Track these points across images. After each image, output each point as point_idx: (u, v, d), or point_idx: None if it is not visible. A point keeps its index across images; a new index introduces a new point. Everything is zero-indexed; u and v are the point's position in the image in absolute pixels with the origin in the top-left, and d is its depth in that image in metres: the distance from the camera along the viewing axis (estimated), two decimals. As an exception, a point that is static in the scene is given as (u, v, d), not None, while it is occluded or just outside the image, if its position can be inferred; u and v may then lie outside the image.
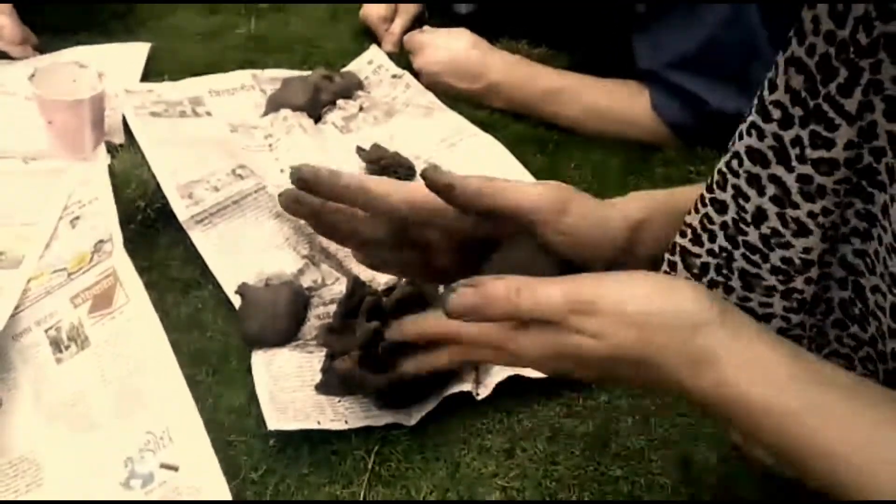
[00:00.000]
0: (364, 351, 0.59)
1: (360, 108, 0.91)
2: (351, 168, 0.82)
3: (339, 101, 0.91)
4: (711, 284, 0.39)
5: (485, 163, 0.85)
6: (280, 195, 0.48)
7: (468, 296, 0.38)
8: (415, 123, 0.90)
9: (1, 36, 0.94)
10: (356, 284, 0.64)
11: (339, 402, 0.61)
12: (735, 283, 0.38)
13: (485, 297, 0.38)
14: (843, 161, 0.32)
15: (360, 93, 0.93)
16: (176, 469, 0.53)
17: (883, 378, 0.38)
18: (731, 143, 0.36)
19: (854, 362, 0.39)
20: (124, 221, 0.71)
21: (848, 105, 0.31)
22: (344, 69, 0.99)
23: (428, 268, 0.50)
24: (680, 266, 0.40)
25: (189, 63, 0.97)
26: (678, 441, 0.61)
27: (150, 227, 0.73)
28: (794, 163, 0.33)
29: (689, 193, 0.44)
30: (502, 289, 0.37)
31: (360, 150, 0.83)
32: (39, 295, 0.64)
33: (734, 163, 0.35)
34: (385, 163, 0.82)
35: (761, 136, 0.34)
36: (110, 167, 0.77)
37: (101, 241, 0.67)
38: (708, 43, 0.83)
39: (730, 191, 0.36)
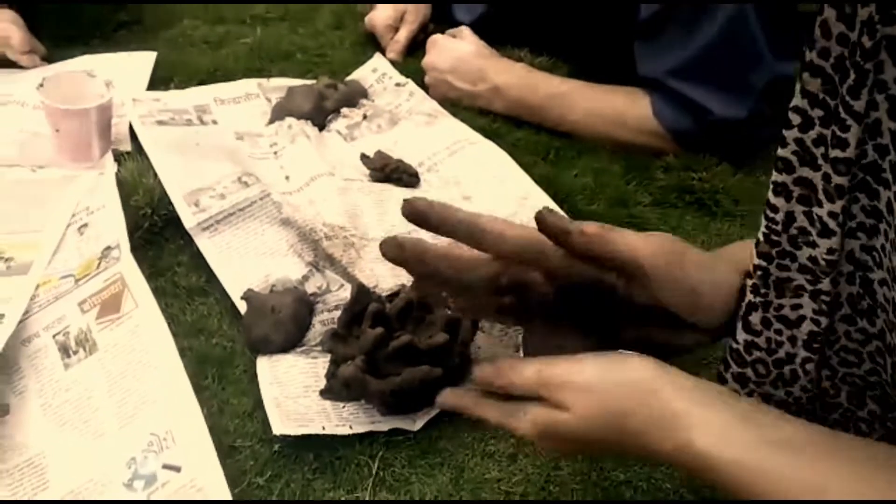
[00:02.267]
0: (368, 357, 0.60)
1: (364, 117, 0.92)
2: (356, 175, 0.83)
3: (344, 110, 0.92)
4: (749, 309, 0.39)
5: (488, 170, 0.86)
6: (383, 242, 0.48)
7: (485, 370, 0.45)
8: (418, 131, 0.91)
9: (9, 46, 0.96)
10: (360, 291, 0.65)
11: (344, 407, 0.61)
12: (772, 295, 0.39)
13: (488, 373, 0.44)
14: (854, 158, 0.33)
15: (364, 101, 0.94)
16: (178, 470, 0.53)
17: (891, 371, 0.38)
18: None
19: (862, 356, 0.39)
20: (131, 229, 0.71)
21: (857, 106, 0.32)
22: (348, 78, 1.00)
23: (523, 312, 0.50)
24: None
25: (195, 72, 0.98)
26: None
27: (156, 234, 0.74)
28: (820, 161, 0.34)
29: None
30: (494, 369, 0.44)
31: (364, 157, 0.84)
32: (48, 301, 0.65)
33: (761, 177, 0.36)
34: (389, 170, 0.83)
35: (784, 144, 0.35)
36: (117, 175, 0.77)
37: (108, 248, 0.68)
38: (708, 50, 0.84)
39: (762, 223, 0.37)
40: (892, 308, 0.35)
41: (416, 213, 0.45)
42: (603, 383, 0.38)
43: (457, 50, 0.97)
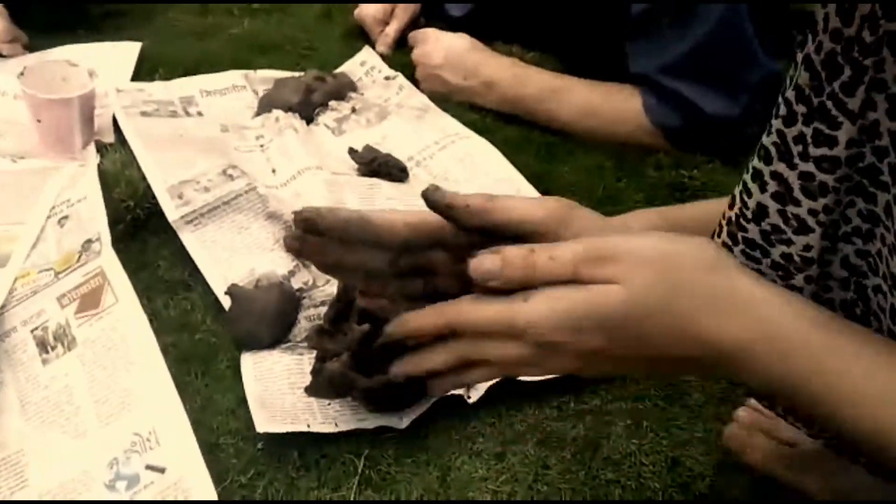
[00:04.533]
0: (355, 353, 0.59)
1: (353, 110, 0.91)
2: (343, 169, 0.82)
3: (332, 103, 0.91)
4: None
5: (478, 166, 0.85)
6: (284, 238, 0.48)
7: (487, 258, 0.38)
8: (407, 125, 0.90)
9: (-9, 34, 0.94)
10: (347, 287, 0.64)
11: (329, 404, 0.60)
12: None
13: (504, 259, 0.37)
14: (844, 159, 0.32)
15: (352, 94, 0.93)
16: (162, 471, 0.52)
17: None
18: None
19: None
20: (113, 221, 0.70)
21: (851, 103, 0.31)
22: (337, 70, 0.99)
23: (433, 295, 0.47)
24: None
25: (180, 62, 0.97)
26: (669, 445, 0.61)
27: (139, 227, 0.72)
28: (797, 160, 0.33)
29: (688, 210, 0.44)
30: (519, 249, 0.37)
31: (352, 151, 0.83)
32: (26, 294, 0.63)
33: (753, 158, 0.35)
34: (377, 164, 0.82)
35: (769, 131, 0.34)
36: (99, 166, 0.76)
37: (88, 241, 0.66)
38: (700, 48, 0.83)
39: (739, 186, 0.36)
40: (889, 316, 0.34)
41: (305, 220, 0.45)
42: (665, 253, 0.34)
43: (449, 44, 0.96)
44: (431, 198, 0.43)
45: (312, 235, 0.46)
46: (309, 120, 0.89)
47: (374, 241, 0.46)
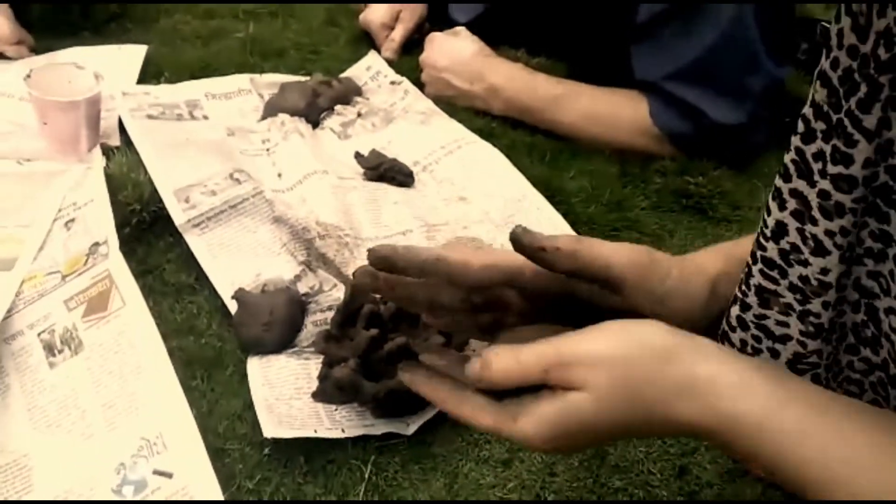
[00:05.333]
0: (362, 359, 0.59)
1: (359, 114, 0.91)
2: (349, 173, 0.82)
3: (338, 107, 0.91)
4: (731, 301, 0.39)
5: (483, 171, 0.85)
6: (354, 272, 0.47)
7: (474, 363, 0.39)
8: (413, 130, 0.90)
9: (-4, 36, 0.94)
10: (355, 291, 0.64)
11: (336, 410, 0.60)
12: (752, 299, 0.38)
13: (482, 363, 0.38)
14: (861, 179, 0.32)
15: (358, 99, 0.93)
16: (170, 476, 0.52)
17: (894, 403, 0.37)
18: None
19: (864, 386, 0.39)
20: (119, 225, 0.70)
21: (867, 121, 0.30)
22: (342, 75, 0.99)
23: (504, 329, 0.48)
24: None
25: (186, 66, 0.97)
26: (677, 453, 0.61)
27: (145, 230, 0.72)
28: (816, 177, 0.33)
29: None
30: (498, 355, 0.38)
31: (358, 155, 0.83)
32: (33, 297, 0.63)
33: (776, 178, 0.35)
34: (384, 169, 0.81)
35: (788, 149, 0.34)
36: (106, 170, 0.76)
37: (96, 244, 0.66)
38: (706, 55, 0.83)
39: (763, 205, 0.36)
40: None
41: (381, 258, 0.44)
42: (619, 353, 0.35)
43: (455, 48, 0.96)
44: (522, 241, 0.43)
45: (385, 272, 0.45)
46: (315, 124, 0.89)
47: (447, 280, 0.46)
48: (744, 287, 0.38)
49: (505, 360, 0.37)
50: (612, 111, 0.90)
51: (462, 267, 0.44)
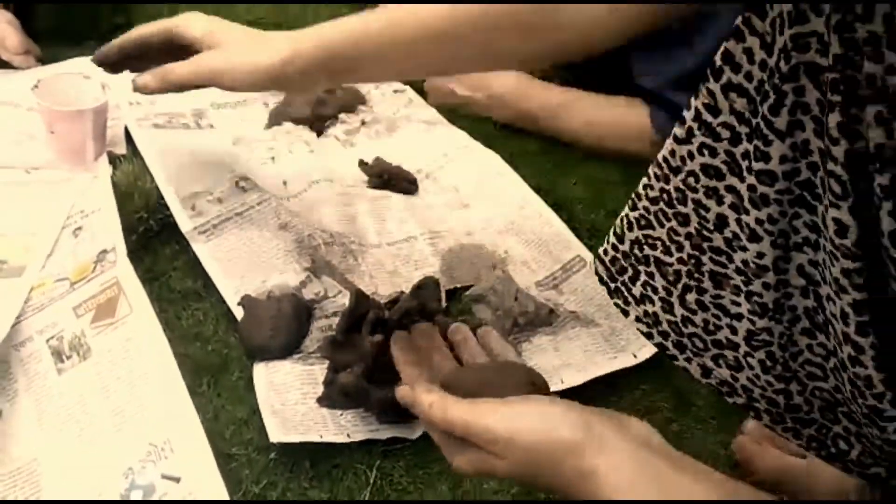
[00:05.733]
0: (367, 364, 0.60)
1: (363, 123, 0.92)
2: (354, 181, 0.83)
3: (342, 115, 0.92)
4: (686, 289, 0.42)
5: (486, 178, 0.86)
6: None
7: (404, 394, 0.48)
8: (417, 138, 0.91)
9: (3, 46, 0.94)
10: (359, 298, 0.64)
11: (341, 415, 0.61)
12: (707, 283, 0.41)
13: (413, 401, 0.47)
14: (780, 174, 0.35)
15: (362, 107, 0.94)
16: (177, 480, 0.52)
17: (849, 387, 0.39)
18: (675, 164, 0.40)
19: (826, 371, 0.40)
20: (126, 232, 0.70)
21: (777, 123, 0.34)
22: (345, 84, 0.99)
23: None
24: (657, 275, 0.43)
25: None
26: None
27: (152, 238, 0.73)
28: (745, 174, 0.37)
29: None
30: (423, 400, 0.46)
31: (362, 163, 0.83)
32: (41, 304, 0.63)
33: (690, 180, 0.39)
34: (388, 176, 0.82)
35: (713, 153, 0.38)
36: (113, 178, 0.76)
37: (103, 252, 0.67)
38: (707, 61, 0.84)
39: (690, 204, 0.39)
40: (840, 320, 0.36)
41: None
42: (532, 441, 0.42)
43: None
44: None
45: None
46: (319, 132, 0.90)
47: None
48: (697, 274, 0.41)
49: (436, 411, 0.45)
50: (613, 119, 0.91)
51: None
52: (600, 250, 0.47)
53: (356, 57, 0.58)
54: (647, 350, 0.67)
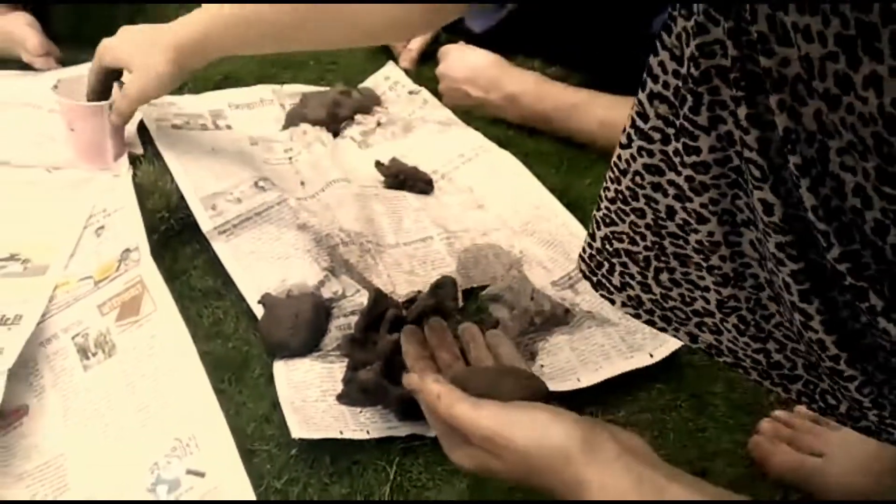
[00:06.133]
0: (386, 362, 0.60)
1: (378, 124, 0.93)
2: (370, 181, 0.83)
3: (358, 116, 0.93)
4: (657, 270, 0.46)
5: (502, 178, 0.87)
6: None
7: (412, 380, 0.51)
8: (432, 138, 0.91)
9: (25, 48, 0.96)
10: (378, 297, 0.65)
11: (361, 412, 0.61)
12: (673, 263, 0.45)
13: (420, 388, 0.50)
14: (712, 161, 0.40)
15: (377, 108, 0.95)
16: (202, 475, 0.53)
17: (805, 350, 0.42)
18: (623, 167, 0.44)
19: (796, 334, 0.44)
20: (147, 231, 0.71)
21: (700, 121, 0.38)
22: (361, 85, 1.00)
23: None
24: (630, 264, 0.47)
25: (208, 77, 0.99)
26: (696, 456, 0.62)
27: (172, 237, 0.74)
28: (680, 168, 0.41)
29: None
30: (432, 390, 0.49)
31: (379, 164, 0.84)
32: (67, 302, 0.64)
33: (637, 178, 0.43)
34: (404, 177, 0.83)
35: (651, 154, 0.42)
36: (133, 178, 0.78)
37: (127, 251, 0.68)
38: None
39: (642, 199, 0.43)
40: (785, 290, 0.39)
41: None
42: (527, 446, 0.45)
43: (472, 59, 0.98)
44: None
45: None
46: (335, 133, 0.90)
47: None
48: (663, 257, 0.45)
49: (443, 404, 0.48)
50: (625, 119, 0.91)
51: None
52: (580, 250, 0.51)
53: (221, 36, 0.73)
54: (663, 349, 0.68)
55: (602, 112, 0.92)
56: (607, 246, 0.47)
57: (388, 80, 1.02)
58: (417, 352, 0.59)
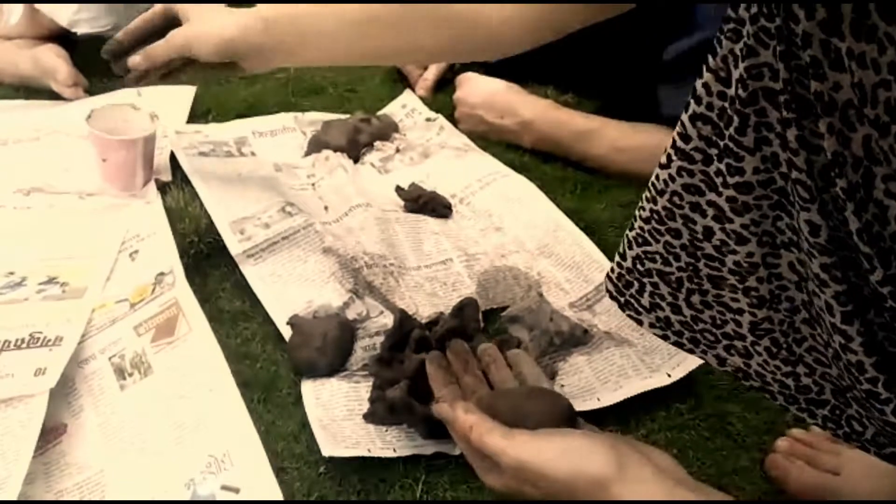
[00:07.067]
0: (412, 381, 0.62)
1: (397, 150, 0.95)
2: (390, 205, 0.86)
3: (377, 143, 0.95)
4: (689, 292, 0.47)
5: (518, 203, 0.89)
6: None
7: (443, 410, 0.53)
8: (449, 164, 0.94)
9: (55, 78, 0.99)
10: (404, 317, 0.67)
11: (387, 431, 0.63)
12: (707, 285, 0.46)
13: (452, 419, 0.52)
14: (755, 182, 0.40)
15: (396, 135, 0.98)
16: (237, 491, 0.55)
17: (846, 374, 0.42)
18: (661, 187, 0.45)
19: (829, 359, 0.44)
20: (179, 255, 0.74)
21: (745, 142, 0.39)
22: (379, 112, 1.03)
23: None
24: (661, 284, 0.47)
25: (232, 106, 1.02)
26: (714, 474, 0.63)
27: (201, 261, 0.76)
28: (721, 188, 0.41)
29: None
30: (466, 421, 0.51)
31: (399, 189, 0.87)
32: (104, 324, 0.67)
33: (675, 199, 0.44)
34: (423, 201, 0.85)
35: (691, 174, 0.42)
36: (163, 204, 0.80)
37: (161, 274, 0.70)
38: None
39: (679, 219, 0.44)
40: (827, 312, 0.39)
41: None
42: (562, 476, 0.46)
43: (487, 86, 1.00)
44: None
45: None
46: (356, 159, 0.93)
47: None
48: (696, 279, 0.46)
49: (475, 434, 0.50)
50: (640, 144, 0.93)
51: None
52: (608, 270, 0.51)
53: (304, 31, 0.68)
54: (680, 370, 0.69)
55: (615, 138, 0.94)
56: (638, 266, 0.48)
57: (406, 108, 1.05)
58: (443, 377, 0.60)
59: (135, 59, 0.71)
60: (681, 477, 0.47)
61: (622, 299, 0.51)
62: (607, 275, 0.51)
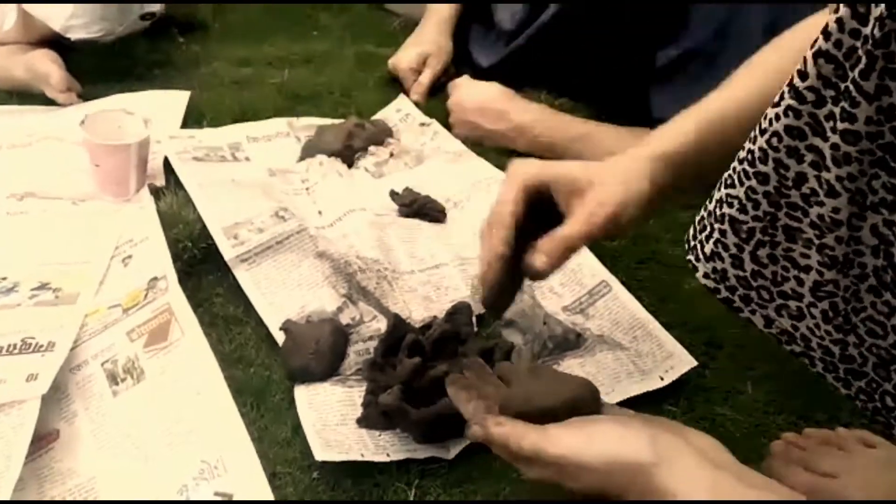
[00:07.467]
0: (405, 386, 0.62)
1: (391, 154, 0.95)
2: (385, 210, 0.86)
3: (371, 148, 0.95)
4: (758, 244, 0.45)
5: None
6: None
7: (476, 433, 0.51)
8: (444, 169, 0.94)
9: (48, 83, 0.99)
10: (397, 322, 0.67)
11: (380, 435, 0.63)
12: (780, 237, 0.44)
13: (487, 437, 0.50)
14: (864, 134, 0.38)
15: (390, 140, 0.98)
16: (230, 497, 0.55)
17: (882, 352, 0.42)
18: (764, 125, 0.42)
19: (887, 328, 0.43)
20: (171, 260, 0.74)
21: (866, 86, 0.37)
22: (374, 117, 1.03)
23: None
24: (729, 233, 0.46)
25: (226, 111, 1.02)
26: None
27: (195, 265, 0.76)
28: (828, 133, 0.39)
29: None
30: (500, 434, 0.49)
31: (393, 193, 0.87)
32: (96, 330, 0.66)
33: (773, 140, 0.41)
34: (417, 206, 0.85)
35: (798, 115, 0.40)
36: (156, 209, 0.80)
37: (154, 279, 0.70)
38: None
39: (771, 164, 0.42)
40: None
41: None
42: (600, 466, 0.45)
43: (481, 91, 1.01)
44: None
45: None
46: (350, 164, 0.93)
47: None
48: (770, 230, 0.44)
49: (512, 444, 0.48)
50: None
51: None
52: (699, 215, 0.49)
53: (703, 151, 0.56)
54: (672, 373, 0.69)
55: (609, 142, 0.95)
56: (717, 209, 0.46)
57: (400, 113, 1.05)
58: (467, 396, 0.57)
59: (536, 267, 0.57)
60: (722, 459, 0.44)
61: (692, 243, 0.49)
62: (695, 219, 0.49)
